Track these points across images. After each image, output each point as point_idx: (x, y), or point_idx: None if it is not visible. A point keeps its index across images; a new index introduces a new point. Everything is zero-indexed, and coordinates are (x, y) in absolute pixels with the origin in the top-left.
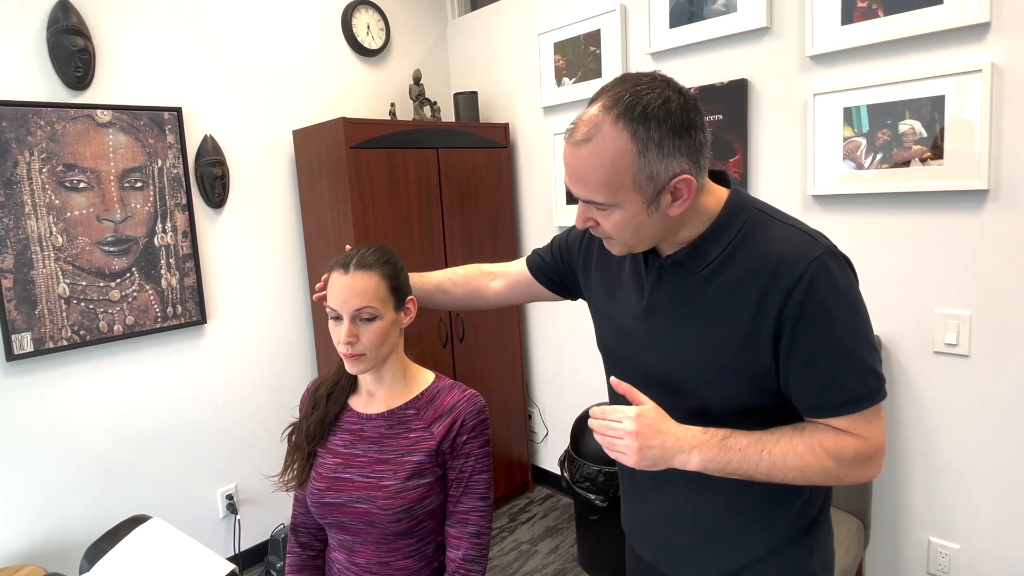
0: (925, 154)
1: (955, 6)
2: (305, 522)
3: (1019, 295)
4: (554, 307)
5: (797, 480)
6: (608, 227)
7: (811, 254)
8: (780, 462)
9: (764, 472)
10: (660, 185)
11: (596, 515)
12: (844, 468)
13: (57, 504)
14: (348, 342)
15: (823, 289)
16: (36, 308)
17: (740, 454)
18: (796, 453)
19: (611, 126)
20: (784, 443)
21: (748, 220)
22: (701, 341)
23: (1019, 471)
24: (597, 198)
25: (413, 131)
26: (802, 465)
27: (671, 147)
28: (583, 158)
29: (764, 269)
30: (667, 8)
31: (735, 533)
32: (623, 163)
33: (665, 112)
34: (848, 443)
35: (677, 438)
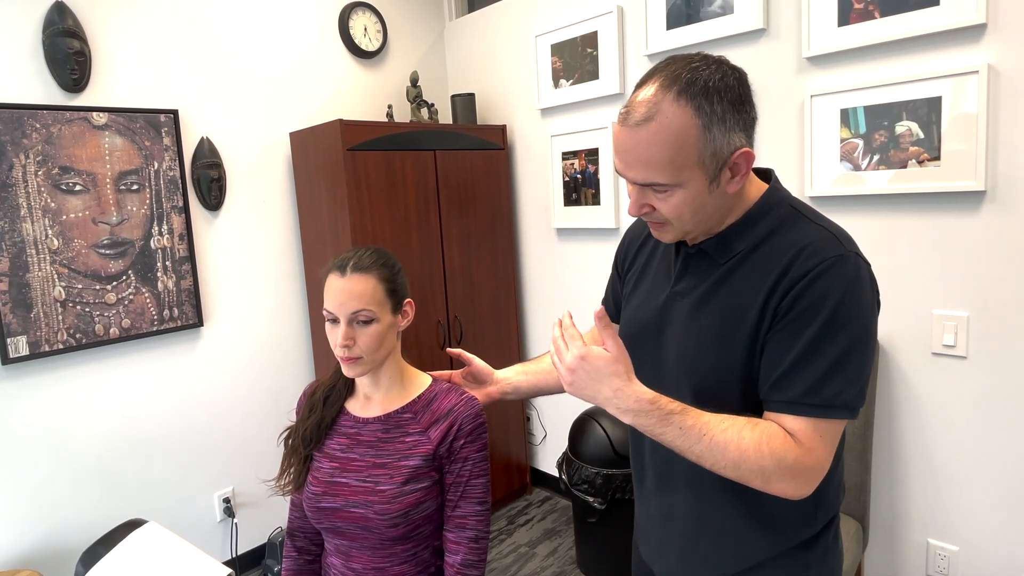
0: (922, 155)
1: (951, 7)
2: (302, 526)
3: (1016, 296)
4: (552, 309)
5: (726, 472)
6: (667, 210)
7: (829, 252)
8: (719, 451)
9: (696, 455)
10: (722, 160)
11: (595, 517)
12: (779, 474)
13: (53, 508)
14: (345, 345)
15: (827, 284)
16: (32, 311)
17: (679, 431)
18: (739, 447)
19: (672, 103)
20: (731, 433)
21: (780, 217)
22: (715, 331)
23: (1018, 473)
24: (660, 179)
25: (410, 133)
26: (739, 459)
27: (732, 120)
28: (644, 139)
29: (781, 262)
30: (664, 10)
31: (730, 540)
32: (689, 139)
33: (725, 86)
34: (792, 449)
35: (616, 393)
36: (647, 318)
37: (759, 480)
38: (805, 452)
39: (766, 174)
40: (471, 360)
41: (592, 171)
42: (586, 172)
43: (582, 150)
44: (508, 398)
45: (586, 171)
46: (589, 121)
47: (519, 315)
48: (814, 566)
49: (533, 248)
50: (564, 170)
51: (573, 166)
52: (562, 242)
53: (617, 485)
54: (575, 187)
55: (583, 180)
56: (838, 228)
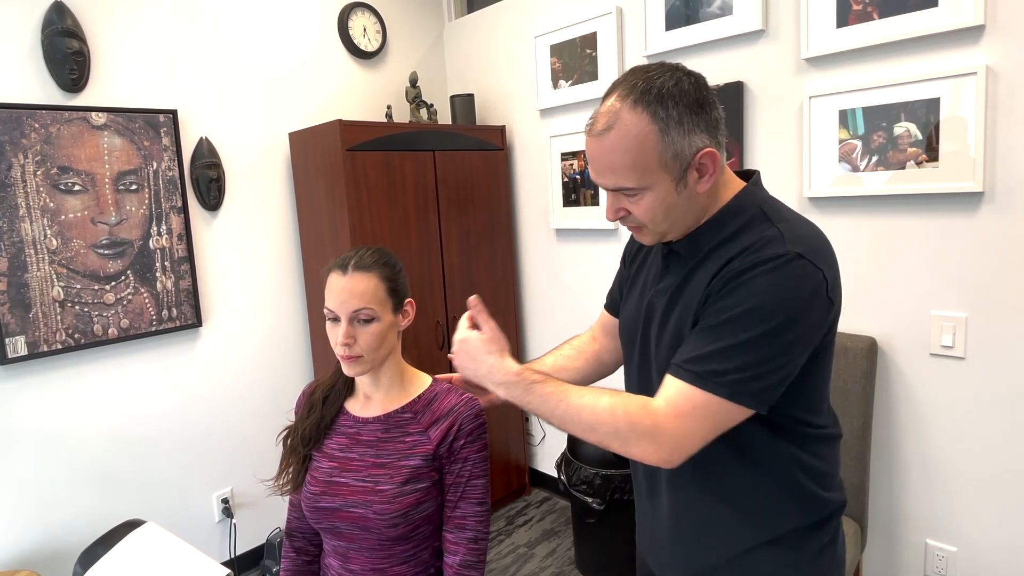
0: (920, 156)
1: (950, 9)
2: (300, 527)
3: (1014, 297)
4: (551, 310)
5: (586, 434)
6: (639, 213)
7: (773, 251)
8: (575, 414)
9: (559, 421)
10: (686, 161)
11: (593, 518)
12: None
13: (51, 508)
14: (345, 343)
15: (755, 279)
16: (30, 311)
17: (540, 399)
18: (594, 410)
19: (630, 111)
20: (588, 398)
21: (749, 217)
22: (674, 330)
23: (1016, 473)
24: (627, 183)
25: (410, 133)
26: (594, 422)
27: (690, 123)
28: (607, 147)
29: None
30: (663, 11)
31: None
32: (648, 144)
33: (679, 91)
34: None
35: (490, 369)
36: (634, 318)
37: (618, 442)
38: (669, 416)
39: (751, 175)
40: None
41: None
42: (585, 173)
43: (581, 151)
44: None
45: (585, 172)
46: None
47: (518, 315)
48: (804, 567)
49: (532, 249)
50: (563, 171)
51: (572, 167)
52: (561, 243)
53: (616, 486)
54: (574, 188)
55: (582, 181)
56: (799, 228)
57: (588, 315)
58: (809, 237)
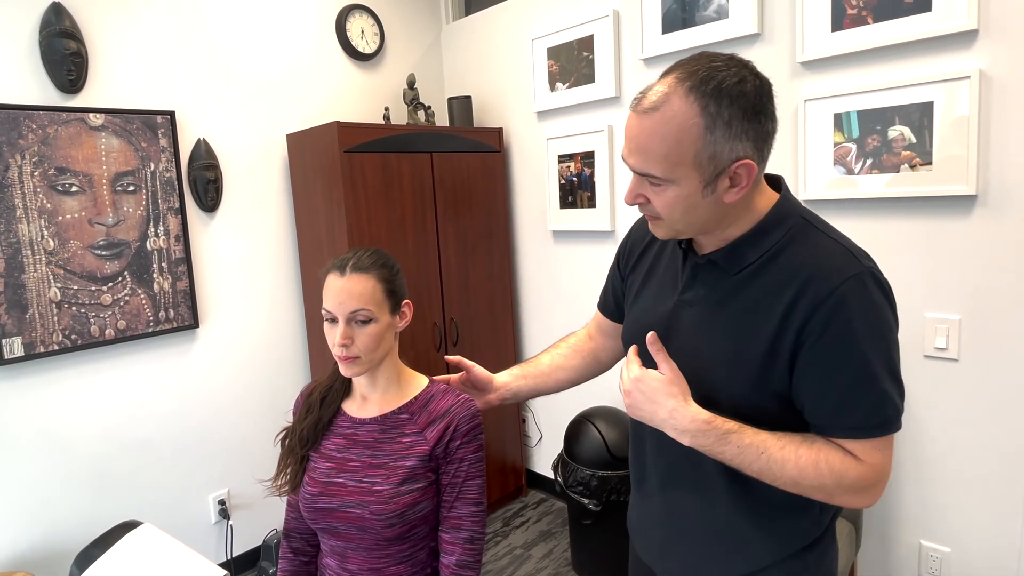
0: (914, 160)
1: (943, 13)
2: (298, 527)
3: (1007, 299)
4: (548, 311)
5: (787, 487)
6: (659, 205)
7: (848, 271)
8: (777, 468)
9: (756, 472)
10: (721, 166)
11: (590, 519)
12: (841, 491)
13: (47, 510)
14: (343, 344)
15: (853, 307)
16: (27, 312)
17: (737, 450)
18: (797, 464)
19: (682, 97)
20: (789, 451)
21: (792, 228)
22: (727, 345)
23: (1008, 474)
24: (654, 171)
25: (407, 135)
26: (798, 477)
27: (739, 128)
28: (647, 127)
29: (797, 279)
30: (660, 14)
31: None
32: (688, 137)
33: (739, 91)
34: (852, 467)
35: (671, 414)
36: (652, 324)
37: (822, 495)
38: (867, 468)
39: (775, 181)
40: (471, 367)
41: (588, 174)
42: (582, 175)
43: (578, 153)
44: (506, 403)
45: (582, 174)
46: (585, 124)
47: (515, 317)
48: (812, 566)
49: (529, 250)
50: (560, 173)
51: (569, 169)
52: (558, 244)
53: (612, 487)
54: (571, 190)
55: (579, 183)
56: (850, 241)
57: (585, 316)
58: (858, 247)
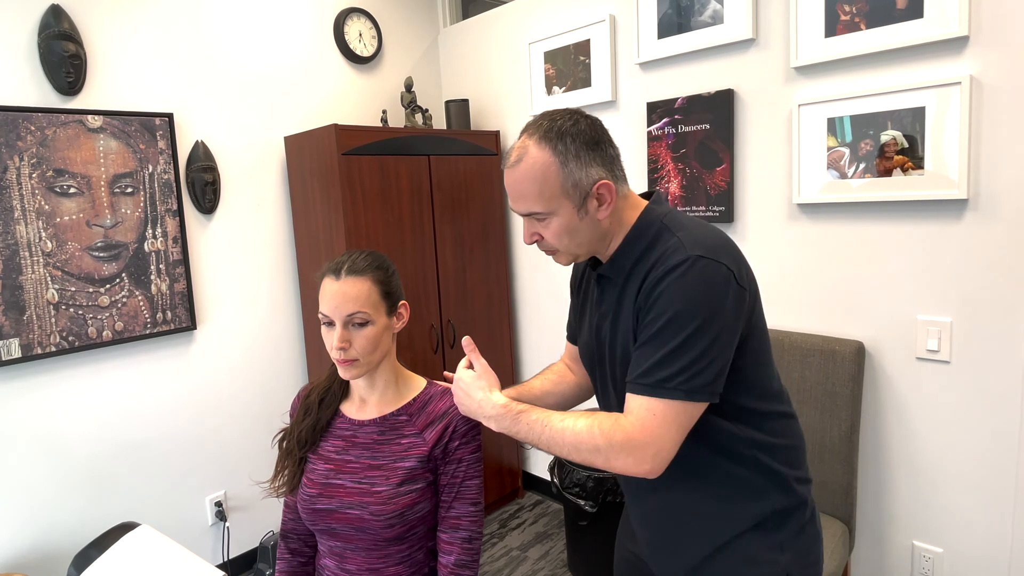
0: (906, 164)
1: (935, 20)
2: (295, 528)
3: (997, 302)
4: (544, 315)
5: (571, 455)
6: (549, 236)
7: (677, 258)
8: (559, 437)
9: (546, 445)
10: (585, 191)
11: (586, 521)
12: (613, 451)
13: (44, 511)
14: (340, 347)
15: (669, 287)
16: (24, 314)
17: (527, 427)
18: (574, 431)
19: (535, 146)
20: (568, 422)
21: (654, 232)
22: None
23: (1000, 475)
24: (535, 208)
25: (405, 138)
26: (576, 442)
27: (587, 157)
28: (518, 177)
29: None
30: (655, 19)
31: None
32: (550, 173)
33: (576, 130)
34: (622, 428)
35: (480, 404)
36: (588, 343)
37: (600, 458)
38: (637, 428)
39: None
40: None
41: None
42: None
43: None
44: None
45: None
46: None
47: (511, 319)
48: (788, 544)
49: (525, 252)
50: None
51: None
52: None
53: (608, 488)
54: None
55: None
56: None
57: None
58: (706, 238)
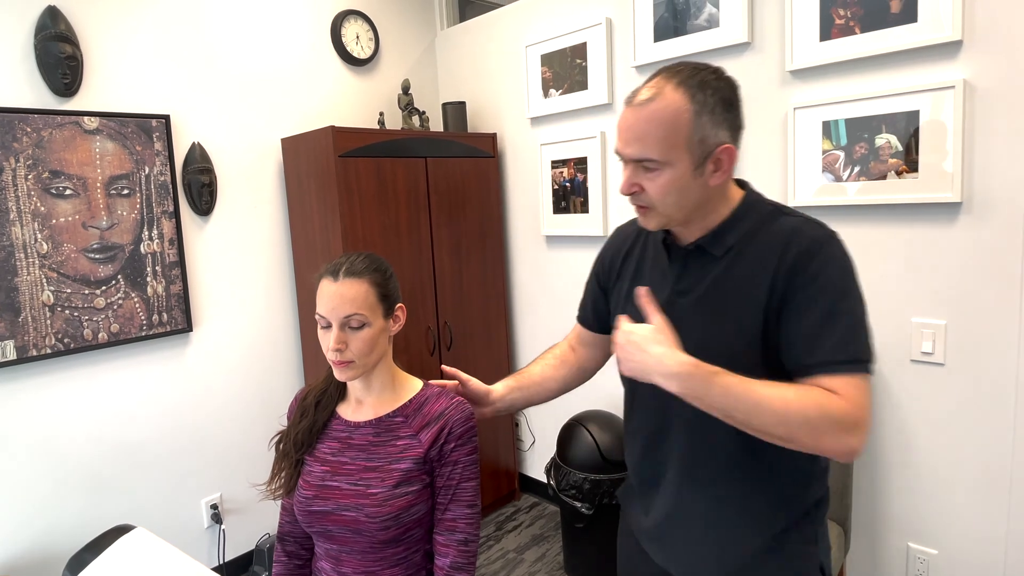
0: (901, 167)
1: (929, 24)
2: (292, 531)
3: (991, 304)
4: (541, 315)
5: (774, 427)
6: (653, 190)
7: (815, 233)
8: (765, 404)
9: (743, 415)
10: (708, 149)
11: (582, 523)
12: (827, 424)
13: (39, 514)
14: (337, 349)
15: (825, 258)
16: (20, 315)
17: (722, 391)
18: (783, 398)
19: (673, 89)
20: (772, 389)
21: (763, 213)
22: (727, 321)
23: (994, 477)
24: (652, 154)
25: (402, 140)
26: (784, 412)
27: (720, 116)
28: (645, 116)
29: (778, 246)
30: (651, 23)
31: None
32: (681, 120)
33: (717, 85)
34: (835, 400)
35: (660, 360)
36: None
37: (807, 434)
38: (849, 403)
39: (741, 184)
40: (467, 381)
41: (581, 179)
42: (575, 180)
43: (571, 159)
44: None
45: (575, 179)
46: (578, 130)
47: (508, 321)
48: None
49: (522, 255)
50: (553, 178)
51: (562, 174)
52: (551, 249)
53: (604, 490)
54: (564, 195)
55: (572, 188)
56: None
57: None
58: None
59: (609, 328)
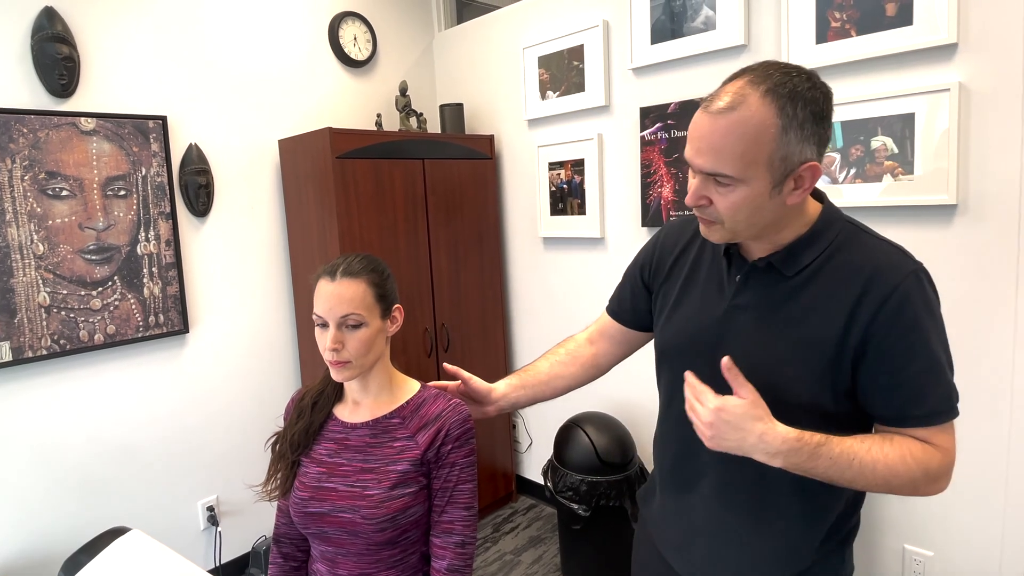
0: (897, 170)
1: (924, 27)
2: (288, 532)
3: (986, 305)
4: (538, 317)
5: (877, 489)
6: (723, 206)
7: (905, 268)
8: (869, 472)
9: (849, 479)
10: (791, 168)
11: (579, 525)
12: (927, 481)
13: (34, 516)
14: (334, 349)
15: (917, 302)
16: (15, 317)
17: (829, 462)
18: (887, 463)
19: (759, 99)
20: (875, 452)
21: (842, 231)
22: (790, 347)
23: (989, 479)
24: (727, 170)
25: (399, 142)
26: (889, 476)
27: (810, 131)
28: (723, 126)
29: (858, 279)
30: (648, 25)
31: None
32: (765, 137)
33: (811, 97)
34: (933, 455)
35: (761, 438)
36: (698, 333)
37: (909, 489)
38: (944, 454)
39: (817, 194)
40: (468, 379)
41: (578, 181)
42: (572, 182)
43: (568, 160)
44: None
45: (572, 181)
46: (575, 132)
47: (506, 323)
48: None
49: (520, 256)
50: (551, 180)
51: (559, 176)
52: (548, 251)
53: (602, 492)
54: (561, 197)
55: (569, 190)
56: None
57: (575, 322)
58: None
59: (644, 325)
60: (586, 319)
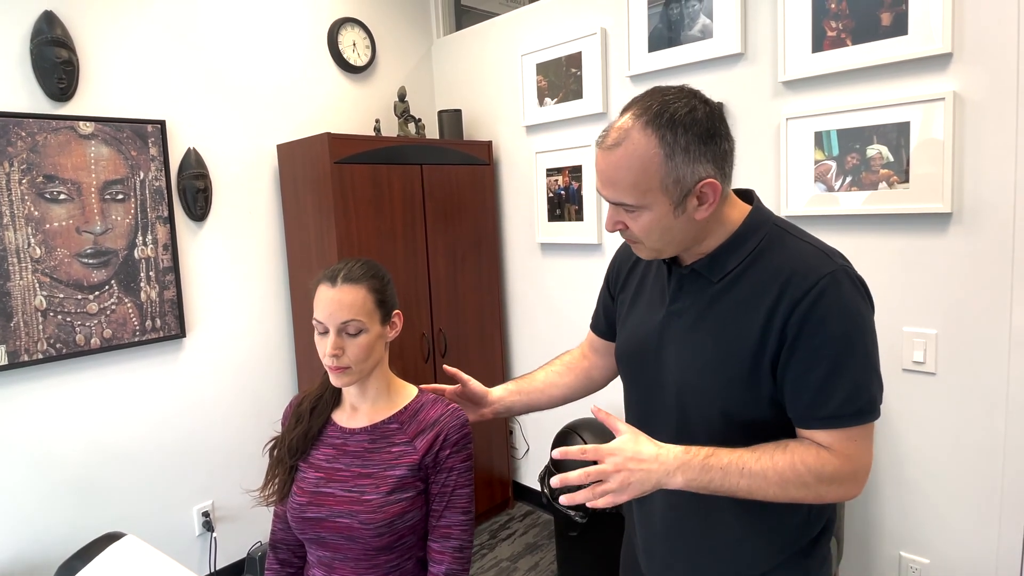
0: (892, 178)
1: (919, 37)
2: (285, 538)
3: (982, 314)
4: (536, 323)
5: (778, 497)
6: (636, 229)
7: (823, 269)
8: (760, 480)
9: (745, 489)
10: (686, 188)
11: (576, 531)
12: (823, 486)
13: (29, 521)
14: (334, 354)
15: (829, 302)
16: (12, 320)
17: (721, 473)
18: (776, 470)
19: (640, 131)
20: (765, 461)
21: (767, 235)
22: (714, 351)
23: (985, 486)
24: (626, 200)
25: (398, 147)
26: (781, 482)
27: (697, 152)
28: (614, 161)
29: (776, 282)
30: (646, 33)
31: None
32: (651, 166)
33: (691, 120)
34: (828, 461)
35: (660, 462)
36: (644, 338)
37: (808, 493)
38: (844, 460)
39: (747, 195)
40: (467, 381)
41: (576, 188)
42: (570, 188)
43: (566, 167)
44: (499, 416)
45: (570, 187)
46: (573, 139)
47: (503, 328)
48: (814, 572)
49: (517, 262)
50: (548, 186)
51: (557, 182)
52: (546, 257)
53: None
54: (559, 203)
55: (567, 196)
56: (823, 243)
57: (572, 328)
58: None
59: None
60: (583, 325)
